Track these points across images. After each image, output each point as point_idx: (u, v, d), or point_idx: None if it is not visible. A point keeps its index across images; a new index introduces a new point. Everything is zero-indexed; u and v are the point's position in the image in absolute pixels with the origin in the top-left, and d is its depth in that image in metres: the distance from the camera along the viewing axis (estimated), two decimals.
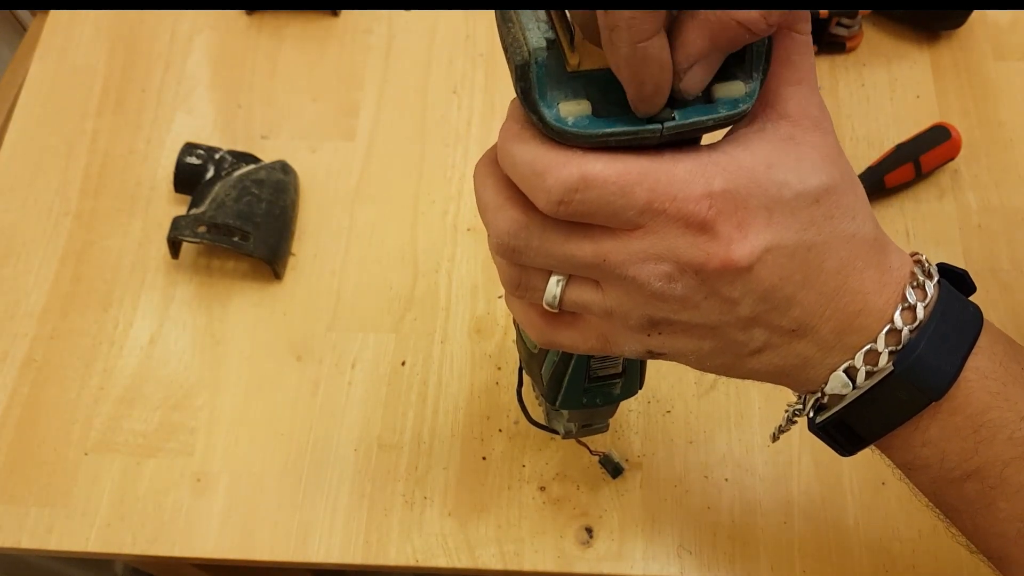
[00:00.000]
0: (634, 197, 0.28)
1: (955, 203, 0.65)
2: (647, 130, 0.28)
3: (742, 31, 0.26)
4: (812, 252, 0.29)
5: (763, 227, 0.28)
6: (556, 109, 0.27)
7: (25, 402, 0.61)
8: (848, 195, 0.30)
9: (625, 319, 0.31)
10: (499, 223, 0.31)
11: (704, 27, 0.26)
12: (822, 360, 0.32)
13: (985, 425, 0.31)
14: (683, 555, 0.54)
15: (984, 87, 0.69)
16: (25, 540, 0.56)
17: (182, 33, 0.75)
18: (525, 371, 0.48)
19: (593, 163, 0.27)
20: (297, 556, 0.55)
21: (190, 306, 0.63)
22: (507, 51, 0.28)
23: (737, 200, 0.28)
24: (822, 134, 0.30)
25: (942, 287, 0.32)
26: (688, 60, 0.27)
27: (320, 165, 0.69)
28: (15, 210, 0.68)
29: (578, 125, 0.27)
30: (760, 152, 0.29)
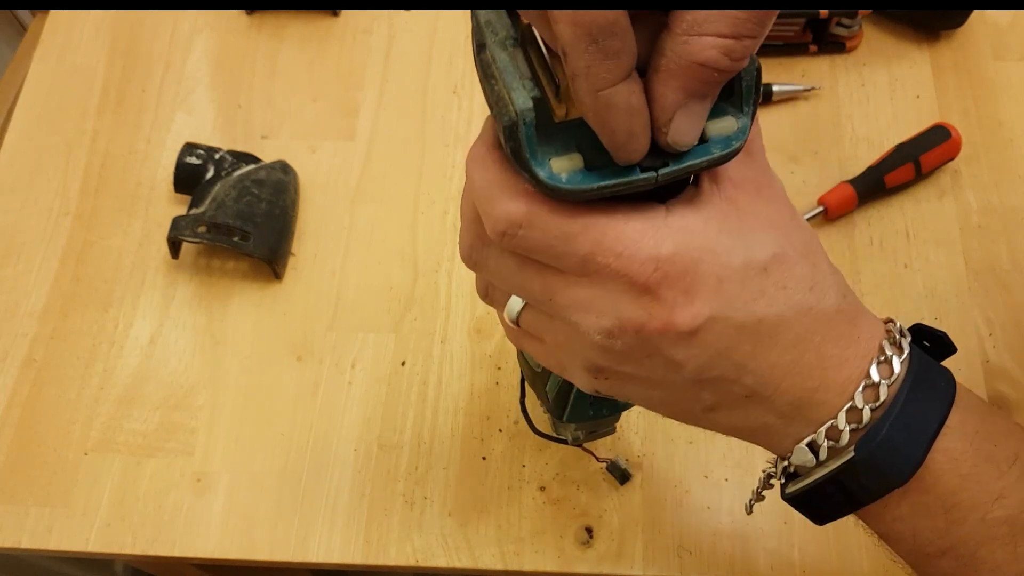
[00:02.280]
0: (576, 245, 0.27)
1: (955, 203, 0.65)
2: (642, 179, 0.27)
3: (708, 73, 0.25)
4: (763, 324, 0.29)
5: (710, 295, 0.28)
6: (548, 167, 0.27)
7: (25, 402, 0.61)
8: (801, 266, 0.29)
9: (573, 357, 0.31)
10: (463, 237, 0.32)
11: (670, 78, 0.25)
12: (784, 429, 0.31)
13: (956, 506, 0.30)
14: (683, 555, 0.54)
15: (984, 87, 0.69)
16: (25, 540, 0.56)
17: (182, 33, 0.75)
18: (529, 386, 0.48)
19: (541, 204, 0.27)
20: (297, 556, 0.55)
21: (190, 306, 0.63)
22: (492, 109, 0.28)
23: (685, 265, 0.27)
24: (764, 201, 0.29)
25: (913, 359, 0.31)
26: (665, 113, 0.26)
27: (320, 165, 0.69)
28: (15, 210, 0.68)
29: (572, 181, 0.27)
30: (713, 218, 0.28)
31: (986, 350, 0.59)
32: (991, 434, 0.31)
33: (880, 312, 0.34)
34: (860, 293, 0.61)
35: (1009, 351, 0.59)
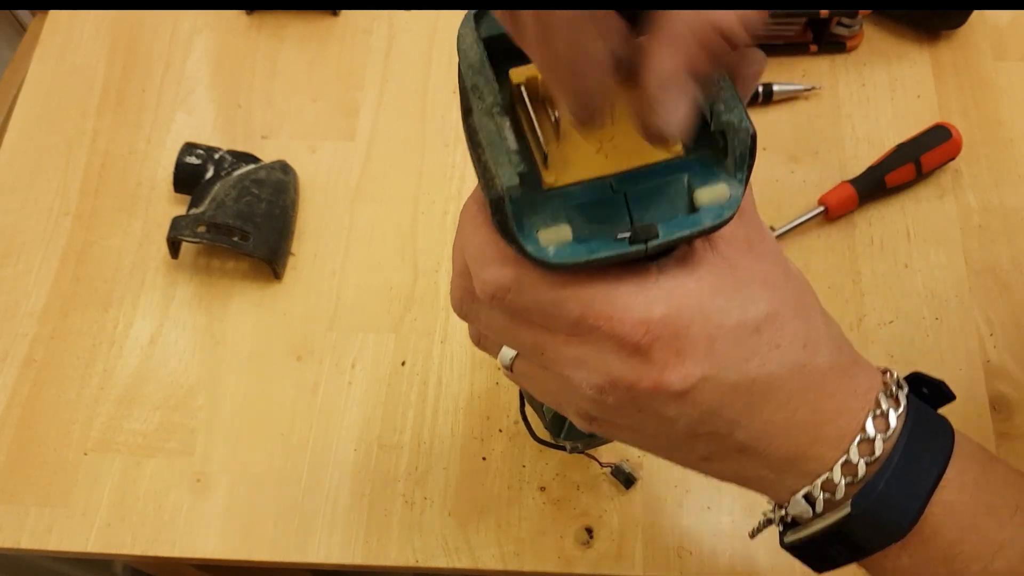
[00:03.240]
0: (566, 309, 0.27)
1: (955, 203, 0.65)
2: (632, 251, 0.27)
3: (718, 42, 0.24)
4: (756, 384, 0.28)
5: (702, 356, 0.27)
6: (536, 239, 0.26)
7: (25, 402, 0.61)
8: (794, 323, 0.29)
9: (566, 404, 0.31)
10: (454, 288, 0.31)
11: (678, 43, 0.24)
12: (779, 480, 0.31)
13: (957, 557, 0.30)
14: (683, 556, 0.54)
15: (984, 87, 0.69)
16: (25, 540, 0.56)
17: (182, 33, 0.75)
18: (528, 403, 0.49)
19: (530, 270, 0.27)
20: (297, 556, 0.55)
21: (190, 306, 0.63)
22: (479, 178, 0.27)
23: (677, 327, 0.27)
24: (756, 258, 0.29)
25: (910, 412, 0.30)
26: (661, 85, 0.24)
27: (320, 165, 0.68)
28: (15, 210, 0.68)
29: (560, 254, 0.26)
30: (705, 278, 0.28)
31: (987, 350, 0.59)
32: (991, 484, 0.31)
33: (881, 313, 0.34)
34: (860, 293, 0.61)
35: (1010, 351, 0.59)
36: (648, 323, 0.27)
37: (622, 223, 0.27)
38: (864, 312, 0.60)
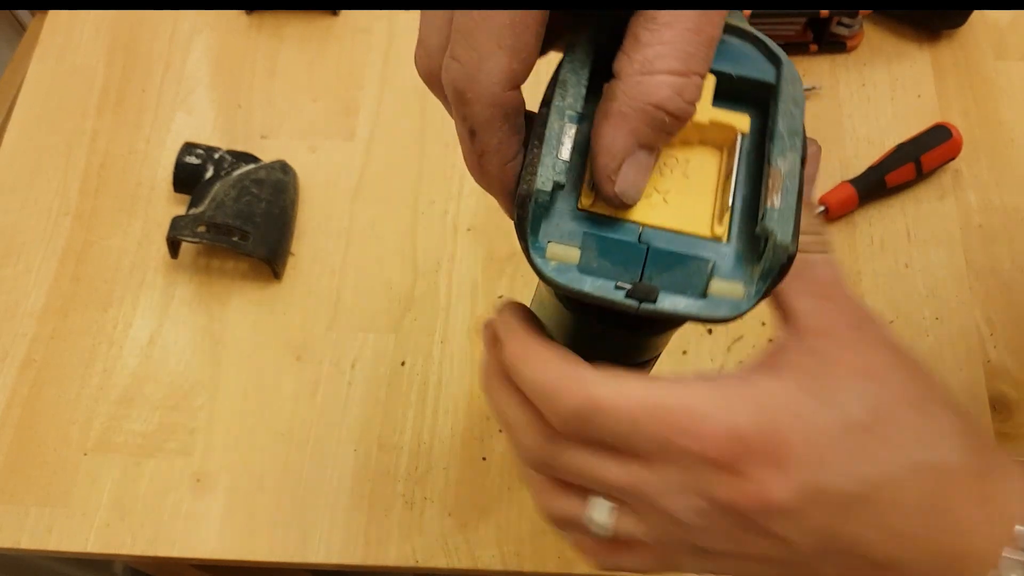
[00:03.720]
0: (647, 430, 0.25)
1: (956, 203, 0.65)
2: (622, 303, 0.26)
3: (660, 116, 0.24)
4: (872, 488, 0.25)
5: (804, 464, 0.25)
6: (543, 249, 0.26)
7: (25, 402, 0.61)
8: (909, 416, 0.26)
9: (677, 547, 0.28)
10: (526, 441, 0.29)
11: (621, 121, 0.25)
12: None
13: None
14: None
15: (985, 87, 0.69)
16: (25, 540, 0.56)
17: (182, 33, 0.75)
18: None
19: (600, 387, 0.26)
20: (297, 557, 0.55)
21: (190, 306, 0.63)
22: (523, 168, 0.27)
23: (770, 437, 0.25)
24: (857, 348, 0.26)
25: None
26: (614, 160, 0.25)
27: (320, 165, 0.68)
28: (15, 210, 0.68)
29: (557, 273, 0.26)
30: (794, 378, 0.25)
31: (987, 350, 0.59)
32: None
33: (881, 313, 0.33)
34: (860, 293, 0.61)
35: (1010, 351, 0.59)
36: (736, 435, 0.25)
37: (630, 273, 0.27)
38: None
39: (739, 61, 0.28)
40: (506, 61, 0.25)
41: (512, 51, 0.25)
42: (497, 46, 0.25)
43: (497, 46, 0.25)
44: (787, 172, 0.26)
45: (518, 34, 0.25)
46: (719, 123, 0.27)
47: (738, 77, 0.27)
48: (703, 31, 0.24)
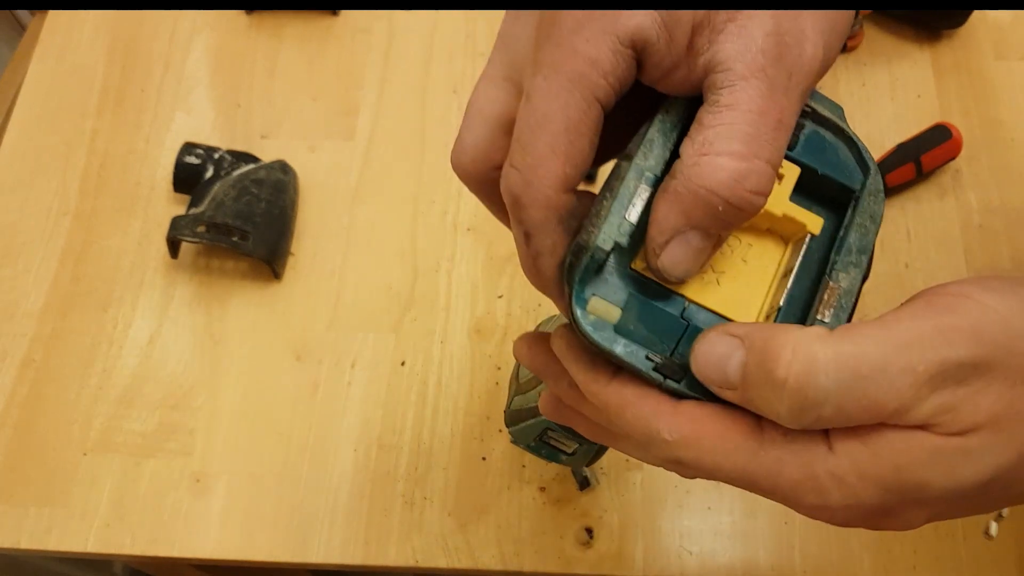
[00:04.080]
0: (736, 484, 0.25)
1: (956, 203, 0.65)
2: (648, 374, 0.26)
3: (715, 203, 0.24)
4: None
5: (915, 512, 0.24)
6: (586, 300, 0.26)
7: (24, 402, 0.60)
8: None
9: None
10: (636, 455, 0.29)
11: (675, 200, 0.24)
12: None
13: None
14: (683, 555, 0.54)
15: (985, 86, 0.69)
16: (24, 540, 0.56)
17: (182, 33, 0.75)
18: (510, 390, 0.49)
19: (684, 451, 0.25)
20: (297, 556, 0.55)
21: (189, 306, 0.63)
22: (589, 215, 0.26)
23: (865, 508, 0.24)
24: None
25: None
26: (662, 235, 0.25)
27: (320, 165, 0.68)
28: (14, 210, 0.68)
29: (593, 328, 0.26)
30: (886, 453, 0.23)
31: None
32: None
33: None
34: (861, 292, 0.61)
35: None
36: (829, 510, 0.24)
37: (664, 345, 0.26)
38: (865, 312, 0.60)
39: (828, 159, 0.27)
40: (560, 167, 0.25)
41: (566, 157, 0.25)
42: (552, 152, 0.25)
43: (552, 152, 0.25)
44: (845, 289, 0.26)
45: (572, 141, 0.25)
46: (792, 218, 0.26)
47: (823, 175, 0.27)
48: (768, 114, 0.24)
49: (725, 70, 0.24)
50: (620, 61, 0.24)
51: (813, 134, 0.27)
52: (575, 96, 0.25)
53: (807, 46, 0.24)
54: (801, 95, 0.24)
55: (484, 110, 0.28)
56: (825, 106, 0.27)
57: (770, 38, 0.24)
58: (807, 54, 0.24)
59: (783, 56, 0.24)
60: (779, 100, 0.24)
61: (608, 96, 0.25)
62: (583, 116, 0.25)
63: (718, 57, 0.24)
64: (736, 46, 0.24)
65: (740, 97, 0.23)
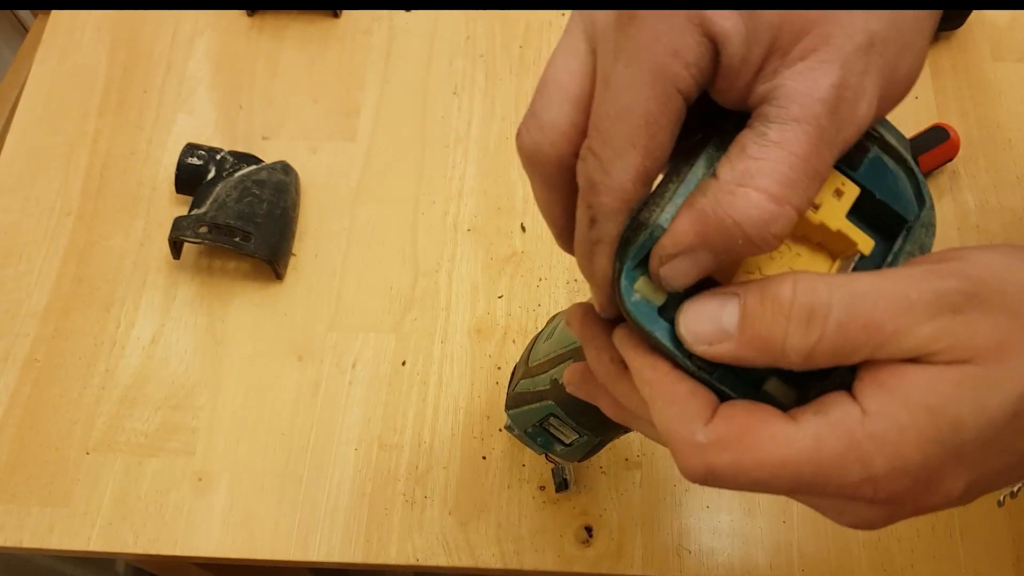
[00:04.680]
0: (776, 486, 0.24)
1: (953, 204, 0.65)
2: (683, 360, 0.26)
3: (736, 235, 0.24)
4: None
5: (954, 475, 0.24)
6: (635, 278, 0.26)
7: (27, 402, 0.61)
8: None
9: None
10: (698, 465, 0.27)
11: (696, 217, 0.24)
12: None
13: None
14: (683, 554, 0.55)
15: (983, 88, 0.69)
16: (27, 539, 0.57)
17: (183, 34, 0.75)
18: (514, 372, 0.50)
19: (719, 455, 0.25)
20: (298, 555, 0.56)
21: (191, 306, 0.64)
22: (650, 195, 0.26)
23: (910, 470, 0.23)
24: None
25: None
26: (673, 246, 0.25)
27: (321, 165, 0.69)
28: (17, 210, 0.68)
29: (636, 307, 0.26)
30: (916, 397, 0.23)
31: None
32: None
33: None
34: None
35: None
36: (873, 480, 0.23)
37: None
38: None
39: (888, 186, 0.27)
40: (639, 160, 0.25)
41: (646, 150, 0.25)
42: (631, 145, 0.25)
43: (631, 145, 0.25)
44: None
45: (652, 135, 0.25)
46: (846, 235, 0.26)
47: (879, 200, 0.27)
48: (811, 162, 0.24)
49: (782, 106, 0.24)
50: (704, 53, 0.24)
51: (877, 159, 0.27)
52: (656, 89, 0.24)
53: (862, 104, 0.25)
54: (843, 149, 0.25)
55: (565, 85, 0.27)
56: (892, 135, 0.28)
57: (833, 90, 0.24)
58: (860, 112, 0.25)
59: (839, 110, 0.24)
60: (823, 152, 0.24)
61: (689, 88, 0.25)
62: (663, 109, 0.24)
63: (780, 91, 0.24)
64: (799, 86, 0.24)
65: (789, 138, 0.24)
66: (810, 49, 0.24)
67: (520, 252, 0.65)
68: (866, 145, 0.27)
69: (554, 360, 0.43)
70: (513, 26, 0.74)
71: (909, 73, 0.26)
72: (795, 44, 0.24)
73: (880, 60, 0.25)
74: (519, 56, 0.73)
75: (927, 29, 0.26)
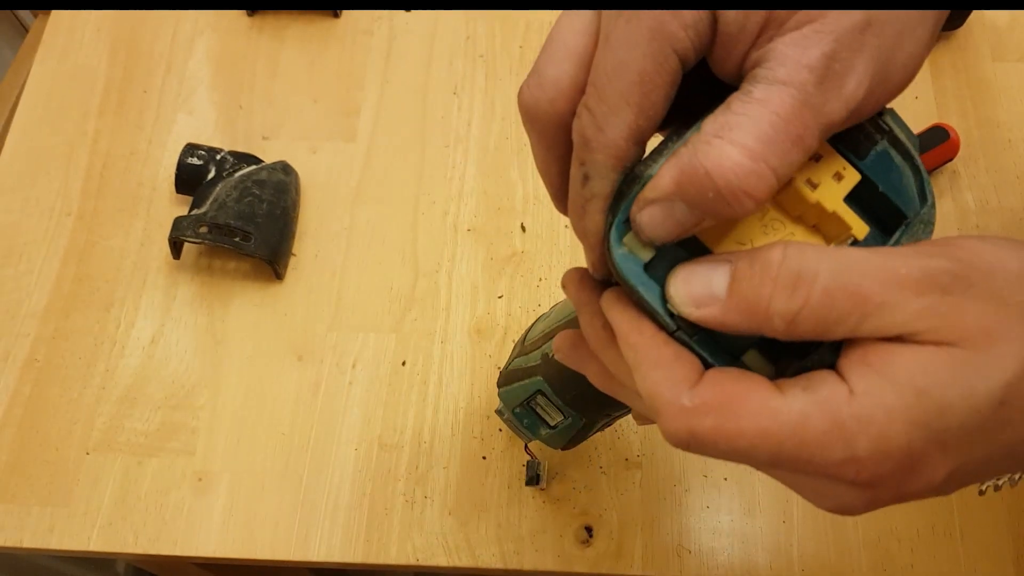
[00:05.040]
0: (756, 457, 0.24)
1: (953, 204, 0.65)
2: (663, 318, 0.26)
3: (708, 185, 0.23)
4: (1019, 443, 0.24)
5: (937, 461, 0.23)
6: (623, 232, 0.26)
7: (27, 402, 0.61)
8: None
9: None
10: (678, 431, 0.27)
11: (675, 165, 0.24)
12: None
13: None
14: (682, 554, 0.55)
15: (982, 88, 0.69)
16: (27, 539, 0.57)
17: (183, 34, 0.75)
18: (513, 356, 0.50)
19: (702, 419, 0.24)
20: (298, 555, 0.56)
21: (191, 306, 0.64)
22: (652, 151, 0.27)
23: (893, 453, 0.23)
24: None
25: None
26: (652, 192, 0.25)
27: (321, 166, 0.69)
28: (17, 210, 0.68)
29: (622, 259, 0.26)
30: (903, 377, 0.23)
31: None
32: None
33: None
34: None
35: None
36: (856, 461, 0.23)
37: None
38: None
39: (892, 180, 0.27)
40: (632, 117, 0.25)
41: (639, 108, 0.25)
42: (625, 102, 0.25)
43: (625, 102, 0.25)
44: None
45: (646, 93, 0.25)
46: (840, 218, 0.26)
47: (881, 193, 0.27)
48: (792, 124, 0.24)
49: (770, 68, 0.24)
50: (702, 16, 0.24)
51: (884, 152, 0.27)
52: (653, 47, 0.25)
53: (851, 80, 0.24)
54: (828, 124, 0.24)
55: (569, 43, 0.27)
56: (903, 130, 0.28)
57: (823, 59, 0.24)
58: (848, 88, 0.24)
59: (826, 80, 0.24)
60: (806, 117, 0.24)
61: (686, 51, 0.25)
62: (659, 68, 0.25)
63: (770, 54, 0.24)
64: (790, 51, 0.24)
65: (773, 98, 0.24)
66: (806, 20, 0.24)
67: (520, 252, 0.65)
68: (875, 137, 0.27)
69: (547, 336, 0.43)
70: (513, 26, 0.74)
71: (908, 62, 0.26)
72: (792, 15, 0.24)
73: (876, 41, 0.25)
74: (519, 56, 0.73)
75: (932, 19, 0.26)
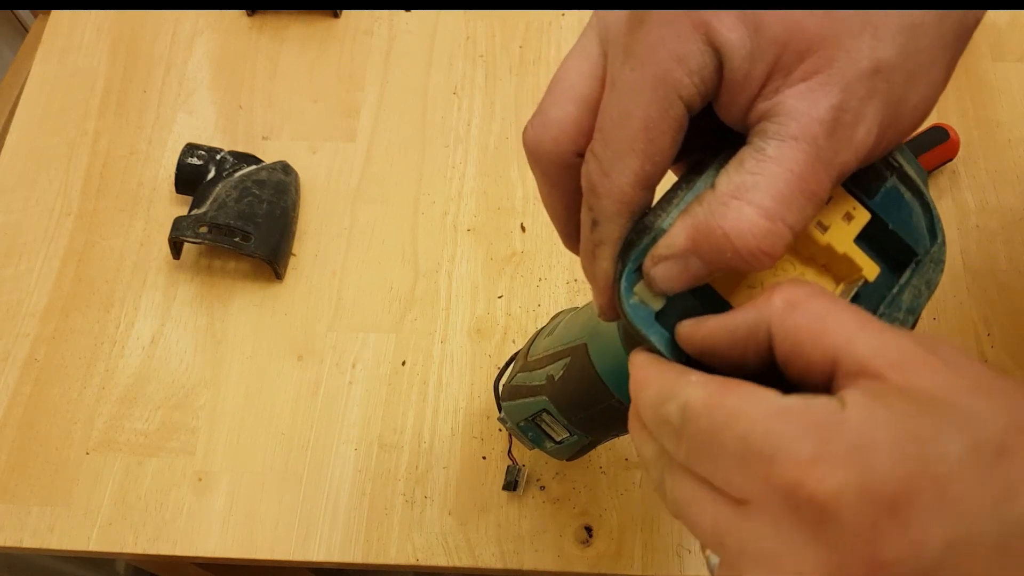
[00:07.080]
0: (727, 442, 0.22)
1: (953, 204, 0.65)
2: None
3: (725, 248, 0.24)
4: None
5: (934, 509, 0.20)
6: (634, 281, 0.26)
7: (27, 402, 0.61)
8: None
9: None
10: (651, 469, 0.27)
11: (690, 224, 0.25)
12: None
13: None
14: (682, 554, 0.55)
15: (982, 88, 0.69)
16: (27, 539, 0.57)
17: (183, 34, 0.75)
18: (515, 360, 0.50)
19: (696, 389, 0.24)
20: (298, 555, 0.56)
21: (191, 306, 0.64)
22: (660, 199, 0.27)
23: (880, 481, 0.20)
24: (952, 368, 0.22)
25: None
26: (667, 249, 0.25)
27: (321, 166, 0.69)
28: (17, 210, 0.68)
29: (633, 308, 0.26)
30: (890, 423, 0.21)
31: (984, 350, 0.60)
32: None
33: None
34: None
35: (1007, 351, 0.59)
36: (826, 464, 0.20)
37: None
38: None
39: (902, 217, 0.27)
40: (638, 164, 0.25)
41: (645, 155, 0.25)
42: (631, 149, 0.25)
43: (631, 149, 0.25)
44: None
45: (651, 139, 0.25)
46: (851, 260, 0.26)
47: (891, 231, 0.27)
48: (806, 181, 0.24)
49: (781, 123, 0.24)
50: (708, 62, 0.24)
51: (893, 189, 0.27)
52: (658, 94, 0.25)
53: (860, 129, 0.24)
54: (840, 174, 0.25)
55: (575, 87, 0.28)
56: (912, 167, 0.28)
57: (832, 111, 0.24)
58: (858, 137, 0.24)
59: (836, 132, 0.24)
60: (819, 172, 0.24)
61: (692, 97, 0.25)
62: (664, 115, 0.25)
63: (780, 108, 0.24)
64: (799, 105, 0.24)
65: (786, 155, 0.24)
66: (813, 70, 0.24)
67: (520, 252, 0.65)
68: (884, 174, 0.27)
69: (552, 357, 0.43)
70: (513, 26, 0.74)
71: (920, 104, 0.26)
72: (799, 64, 0.24)
73: (885, 87, 0.24)
74: (519, 56, 0.73)
75: (944, 60, 0.26)
